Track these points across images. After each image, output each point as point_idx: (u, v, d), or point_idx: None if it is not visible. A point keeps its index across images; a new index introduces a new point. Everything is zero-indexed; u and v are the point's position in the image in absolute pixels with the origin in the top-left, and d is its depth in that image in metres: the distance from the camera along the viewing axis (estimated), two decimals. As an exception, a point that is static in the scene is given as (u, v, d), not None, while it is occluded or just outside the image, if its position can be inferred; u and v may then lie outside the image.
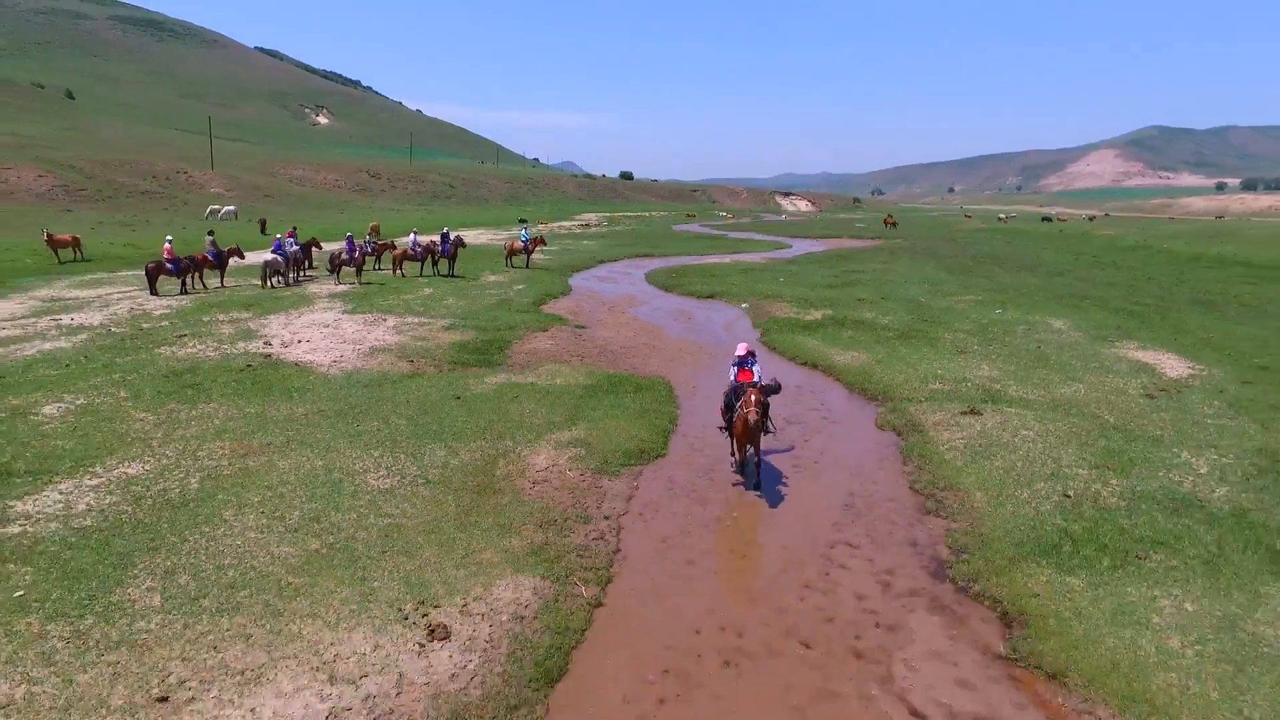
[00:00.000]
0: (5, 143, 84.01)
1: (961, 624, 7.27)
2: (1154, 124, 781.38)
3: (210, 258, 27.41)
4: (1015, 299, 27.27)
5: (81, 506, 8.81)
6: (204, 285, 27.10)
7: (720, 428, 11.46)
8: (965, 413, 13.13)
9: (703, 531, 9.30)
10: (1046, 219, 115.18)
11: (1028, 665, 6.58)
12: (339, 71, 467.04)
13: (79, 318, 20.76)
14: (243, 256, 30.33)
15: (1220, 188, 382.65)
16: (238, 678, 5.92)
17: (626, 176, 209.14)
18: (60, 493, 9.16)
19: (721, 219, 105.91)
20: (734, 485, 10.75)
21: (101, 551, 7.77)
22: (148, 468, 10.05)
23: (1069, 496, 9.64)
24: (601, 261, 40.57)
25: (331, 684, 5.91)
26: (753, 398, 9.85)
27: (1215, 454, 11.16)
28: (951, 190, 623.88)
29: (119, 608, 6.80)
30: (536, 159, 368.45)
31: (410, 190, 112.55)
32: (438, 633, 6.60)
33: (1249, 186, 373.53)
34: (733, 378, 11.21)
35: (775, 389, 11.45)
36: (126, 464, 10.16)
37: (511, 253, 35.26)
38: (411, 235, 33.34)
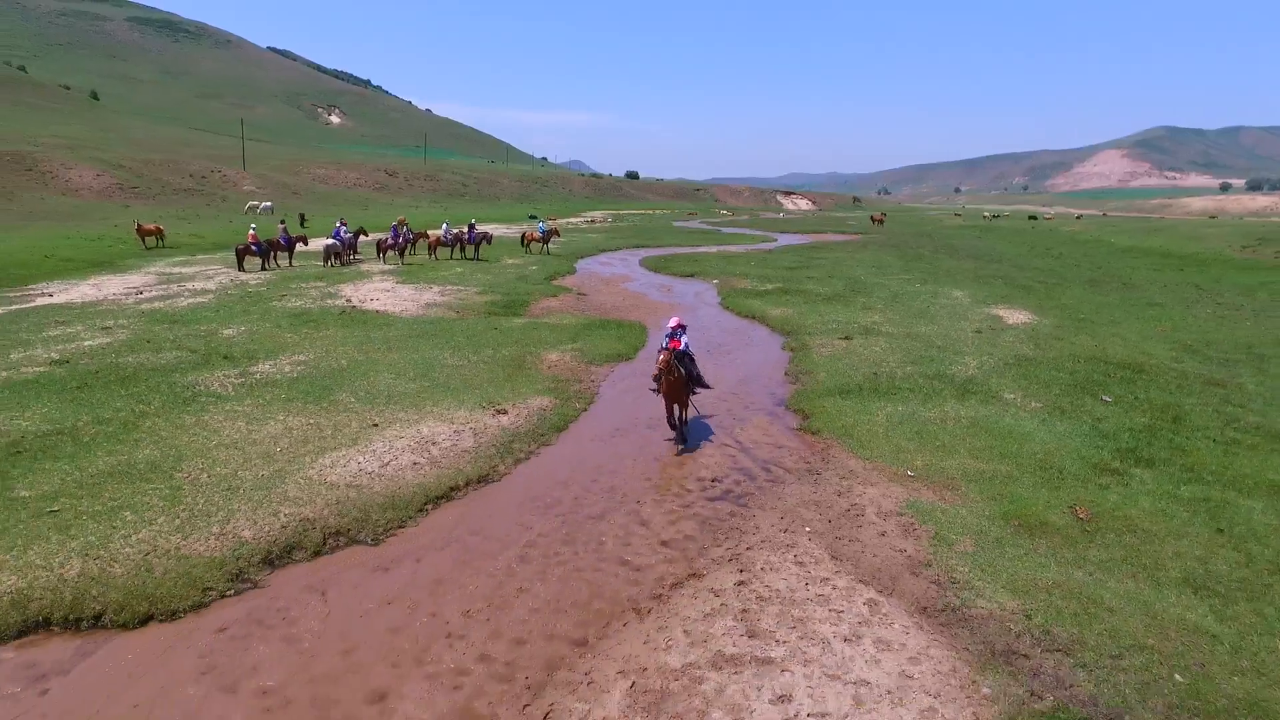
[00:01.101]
0: (59, 144, 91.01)
1: (779, 420, 13.47)
2: (1163, 124, 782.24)
3: (282, 242, 33.84)
4: (940, 277, 33.42)
5: (286, 370, 15.16)
6: (278, 264, 33.49)
7: (652, 390, 12.54)
8: (841, 339, 19.39)
9: (645, 387, 15.55)
10: (1033, 217, 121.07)
11: (806, 431, 12.73)
12: (349, 71, 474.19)
13: (196, 285, 27.21)
14: (306, 243, 36.80)
15: (1225, 188, 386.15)
16: (404, 423, 12.17)
17: (632, 176, 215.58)
18: (270, 365, 15.51)
19: (721, 217, 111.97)
20: (720, 368, 16.97)
21: (310, 383, 14.11)
22: (310, 356, 16.37)
23: (875, 375, 15.85)
24: (604, 250, 46.83)
25: (450, 425, 12.17)
26: (661, 356, 11.52)
27: (986, 358, 17.35)
28: (958, 190, 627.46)
29: (332, 400, 13.11)
30: (545, 158, 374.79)
31: (426, 188, 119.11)
32: (501, 412, 12.87)
33: (1254, 186, 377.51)
34: (664, 345, 12.27)
35: (691, 357, 12.52)
36: (296, 355, 16.49)
37: (530, 241, 41.66)
38: (444, 226, 39.72)
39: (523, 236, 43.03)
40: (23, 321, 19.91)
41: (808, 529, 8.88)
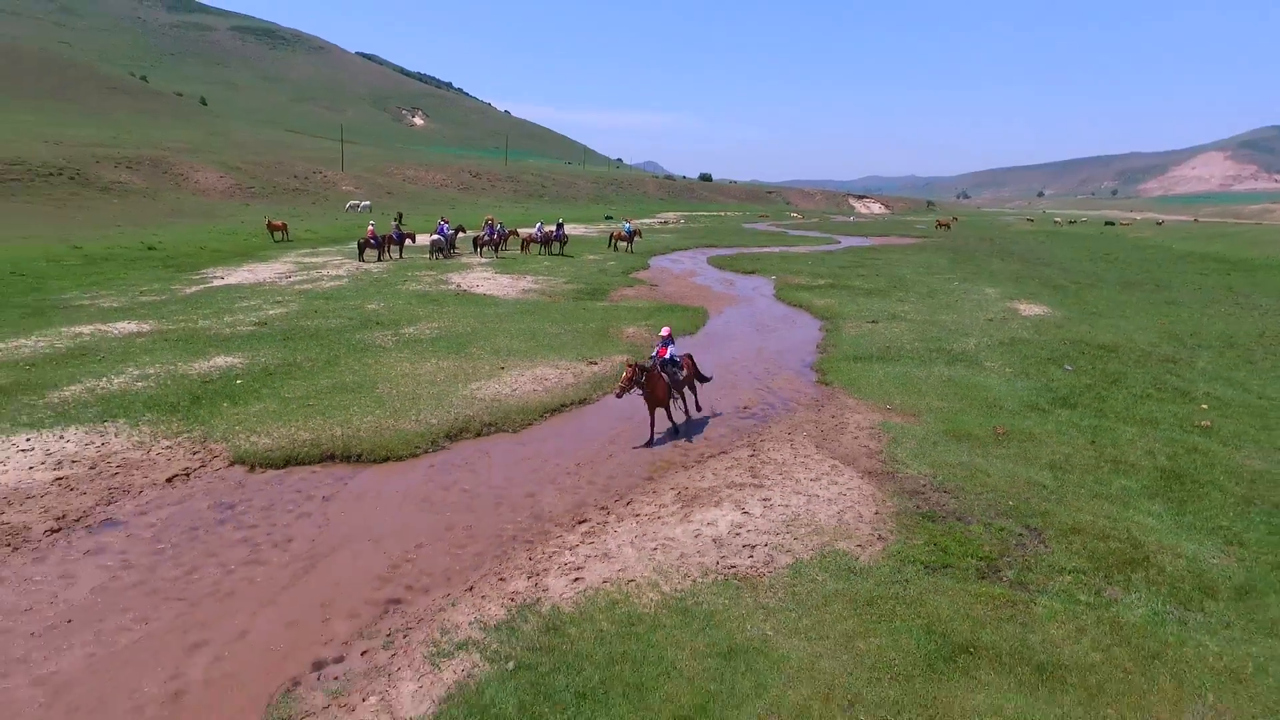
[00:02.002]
0: (182, 147, 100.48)
1: (803, 375, 17.51)
2: (1275, 124, 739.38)
3: (395, 237, 39.29)
4: (980, 277, 36.60)
5: (426, 333, 20.01)
6: (391, 256, 38.93)
7: (617, 394, 12.68)
8: (869, 322, 23.25)
9: (703, 352, 19.79)
10: (1109, 223, 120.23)
11: (821, 383, 16.73)
12: (431, 73, 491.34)
13: (329, 272, 32.66)
14: (414, 239, 42.30)
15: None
16: (523, 367, 16.71)
17: (705, 178, 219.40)
18: (413, 329, 20.40)
19: (791, 220, 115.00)
20: (764, 342, 21.14)
21: (446, 341, 18.87)
22: (440, 325, 21.18)
23: (886, 347, 19.71)
24: (675, 249, 51.17)
25: (557, 369, 16.67)
26: (626, 373, 12.27)
27: (985, 339, 20.97)
28: (1041, 194, 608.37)
29: (467, 352, 17.79)
30: (620, 159, 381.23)
31: (507, 189, 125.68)
32: (592, 363, 17.34)
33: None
34: (654, 353, 13.46)
35: (676, 361, 13.39)
36: (430, 323, 21.33)
37: (616, 240, 46.35)
38: (538, 225, 44.76)
39: (610, 236, 47.77)
40: (216, 297, 25.48)
41: (804, 433, 12.99)
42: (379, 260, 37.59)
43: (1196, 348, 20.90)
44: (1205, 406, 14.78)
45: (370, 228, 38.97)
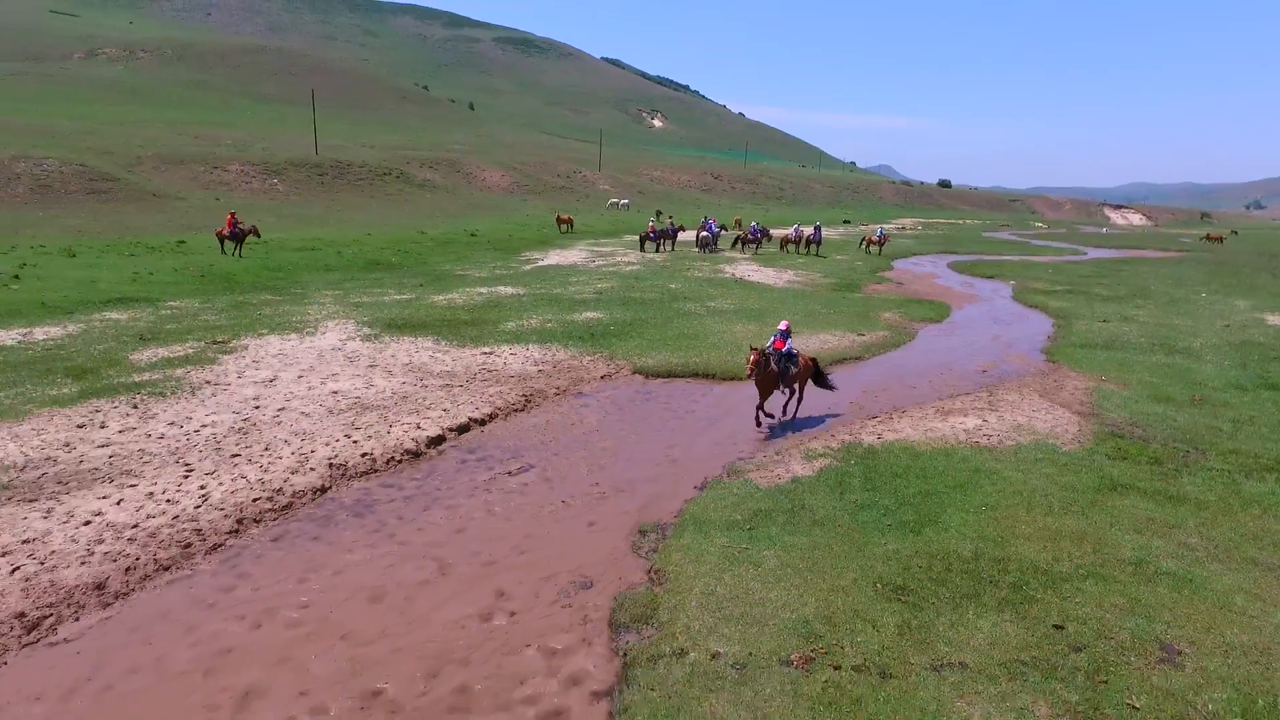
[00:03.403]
0: (468, 149, 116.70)
1: (1033, 356, 21.53)
2: None
3: (670, 232, 46.58)
4: (1236, 292, 37.09)
5: (725, 306, 26.26)
6: (665, 248, 46.21)
7: (747, 374, 14.09)
8: (1100, 321, 26.41)
9: (946, 337, 24.25)
10: None
11: (1055, 362, 20.77)
12: (670, 77, 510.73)
13: (620, 259, 40.28)
14: (682, 231, 49.49)
15: None
16: (808, 334, 22.33)
17: (944, 184, 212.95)
18: (713, 304, 26.78)
19: (1034, 229, 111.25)
20: (1000, 331, 25.41)
21: (745, 313, 24.95)
22: (731, 303, 27.32)
23: (1111, 340, 23.08)
24: (915, 254, 54.55)
25: (834, 337, 22.13)
26: (752, 356, 13.53)
27: (1215, 340, 23.56)
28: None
29: (762, 321, 23.71)
30: (853, 162, 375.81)
31: (746, 191, 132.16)
32: (860, 335, 22.62)
33: None
34: (770, 342, 14.65)
35: (792, 356, 14.51)
36: (722, 302, 27.55)
37: (869, 243, 50.87)
38: (795, 226, 50.46)
39: (863, 239, 52.45)
40: (549, 273, 33.62)
41: (1030, 388, 17.48)
42: (657, 251, 45.01)
43: None
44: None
45: (651, 224, 46.59)
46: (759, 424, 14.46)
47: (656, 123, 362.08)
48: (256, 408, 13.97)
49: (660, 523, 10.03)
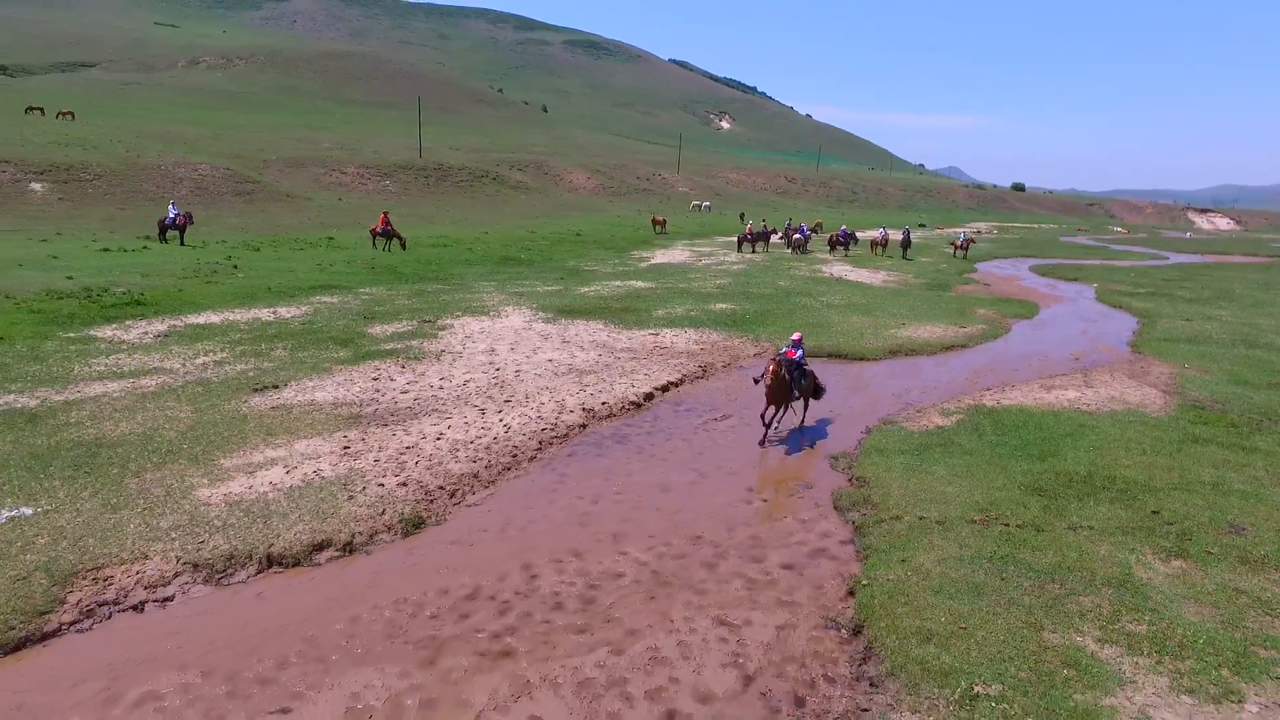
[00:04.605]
0: (549, 151, 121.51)
1: (1120, 347, 24.27)
2: None
3: (764, 234, 49.86)
4: (1318, 296, 38.69)
5: (834, 300, 29.55)
6: (757, 249, 49.53)
7: (755, 380, 13.98)
8: (1183, 320, 28.83)
9: (1037, 330, 27.01)
10: None
11: (1141, 353, 23.46)
12: (737, 78, 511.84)
13: (723, 258, 43.78)
14: (774, 234, 52.80)
15: None
16: (915, 326, 25.48)
17: (1018, 188, 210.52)
18: (822, 300, 30.08)
19: (1113, 233, 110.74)
20: (1087, 327, 28.13)
21: (854, 308, 28.21)
22: (840, 299, 30.55)
23: (1195, 336, 25.58)
24: (995, 257, 56.71)
25: (939, 328, 25.22)
26: (770, 367, 13.16)
27: (1292, 337, 25.89)
28: None
29: (873, 315, 26.92)
30: (921, 164, 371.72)
31: (819, 194, 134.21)
32: (961, 327, 25.67)
33: None
34: (782, 350, 14.52)
35: (802, 367, 14.39)
36: (831, 298, 30.80)
37: (955, 248, 53.39)
38: (882, 229, 53.33)
39: (952, 244, 54.96)
40: (665, 270, 37.32)
41: (1120, 371, 20.35)
42: (753, 252, 48.36)
43: None
44: None
45: (749, 226, 50.03)
46: (764, 442, 13.96)
47: (725, 124, 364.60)
48: (497, 370, 17.91)
49: (845, 452, 13.53)
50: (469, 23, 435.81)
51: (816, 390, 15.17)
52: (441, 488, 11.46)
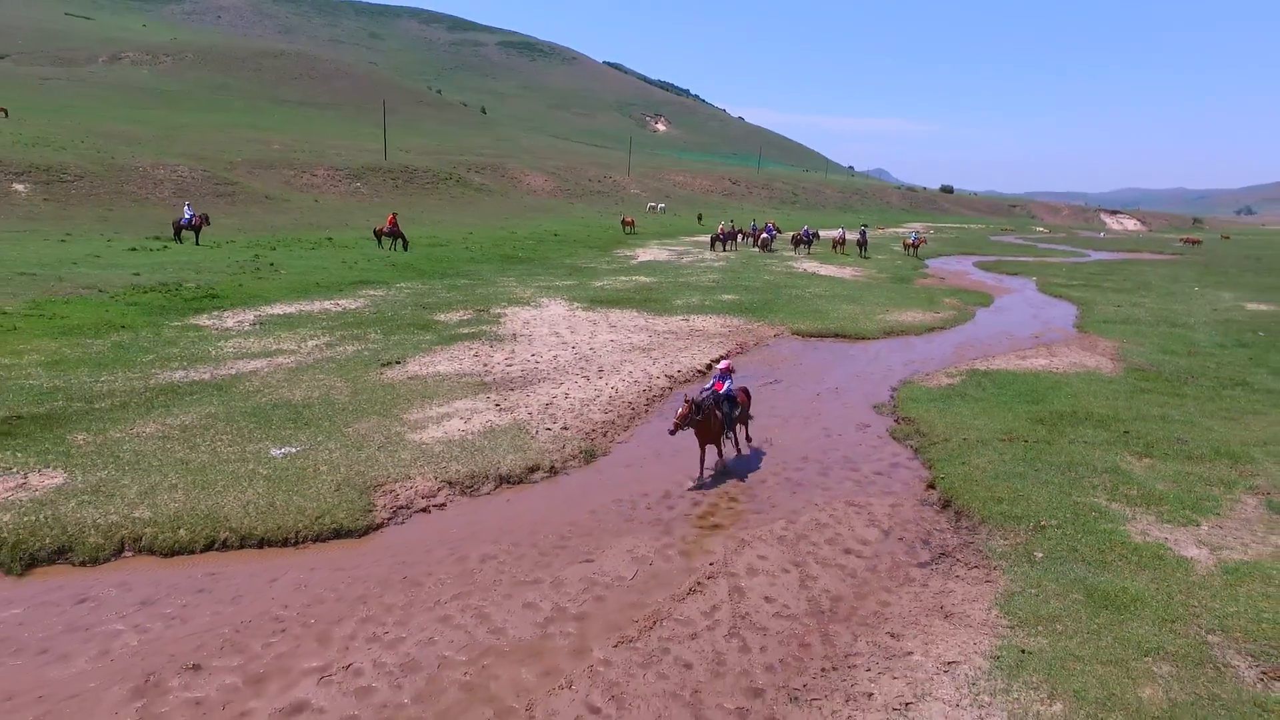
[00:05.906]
0: (499, 153, 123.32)
1: (1067, 329, 28.84)
2: None
3: (731, 233, 53.79)
4: (1223, 286, 44.62)
5: (819, 291, 33.50)
6: (728, 249, 53.41)
7: (670, 432, 12.22)
8: (1114, 306, 33.77)
9: (993, 317, 31.44)
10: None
11: (1086, 332, 28.01)
12: (670, 81, 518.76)
13: (700, 256, 47.50)
14: (741, 234, 56.83)
15: None
16: (896, 313, 29.53)
17: (947, 190, 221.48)
18: (809, 291, 34.00)
19: (1036, 233, 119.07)
20: (1037, 312, 32.66)
21: (838, 298, 32.19)
22: (823, 290, 34.53)
23: (1125, 319, 30.38)
24: (939, 255, 62.02)
25: (915, 314, 29.34)
26: (680, 411, 11.92)
27: (1203, 319, 30.88)
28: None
29: (859, 304, 30.91)
30: (851, 167, 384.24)
31: (762, 195, 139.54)
32: (933, 313, 29.84)
33: None
34: (709, 386, 13.29)
35: (732, 398, 13.28)
36: (815, 289, 34.75)
37: (908, 246, 58.11)
38: (840, 230, 57.87)
39: (904, 242, 59.71)
40: (655, 266, 40.80)
41: (1073, 344, 24.69)
42: (724, 250, 52.21)
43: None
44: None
45: (721, 226, 53.90)
46: (700, 483, 12.59)
47: (660, 126, 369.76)
48: (573, 349, 21.05)
49: (883, 403, 17.25)
50: (400, 22, 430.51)
51: (745, 416, 14.09)
52: (594, 430, 14.65)
